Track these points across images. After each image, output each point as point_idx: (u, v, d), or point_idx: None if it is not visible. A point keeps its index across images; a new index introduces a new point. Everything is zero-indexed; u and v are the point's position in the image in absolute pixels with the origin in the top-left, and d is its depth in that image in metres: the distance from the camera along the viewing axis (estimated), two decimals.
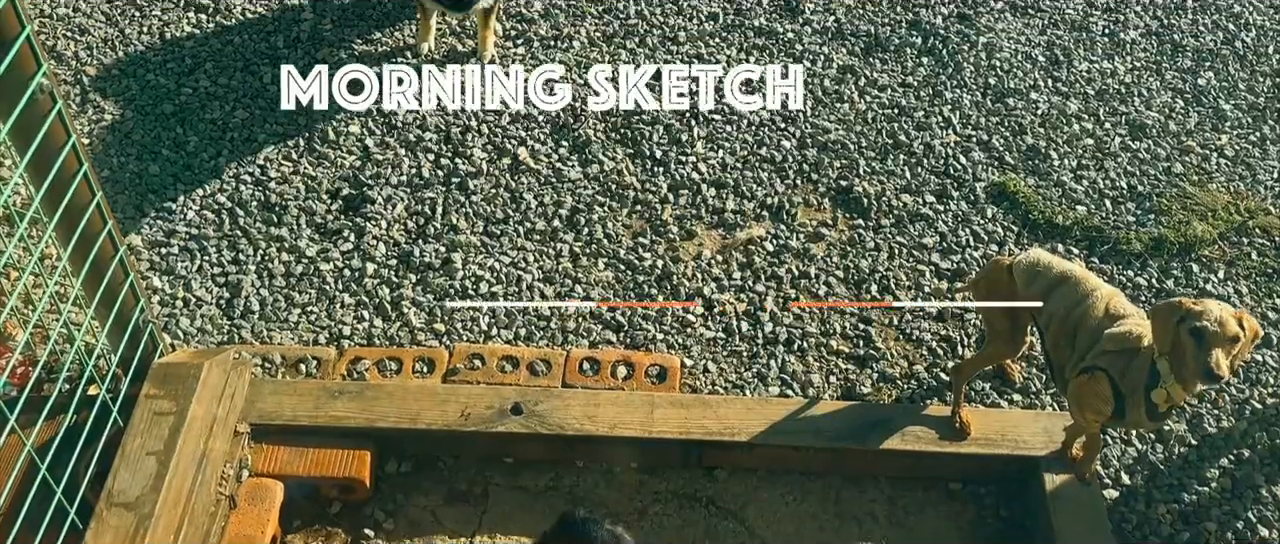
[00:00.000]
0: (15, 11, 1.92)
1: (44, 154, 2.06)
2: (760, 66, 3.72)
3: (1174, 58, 3.88)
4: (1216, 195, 3.40)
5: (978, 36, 3.89)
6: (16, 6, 1.91)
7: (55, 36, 3.70)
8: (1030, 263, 2.47)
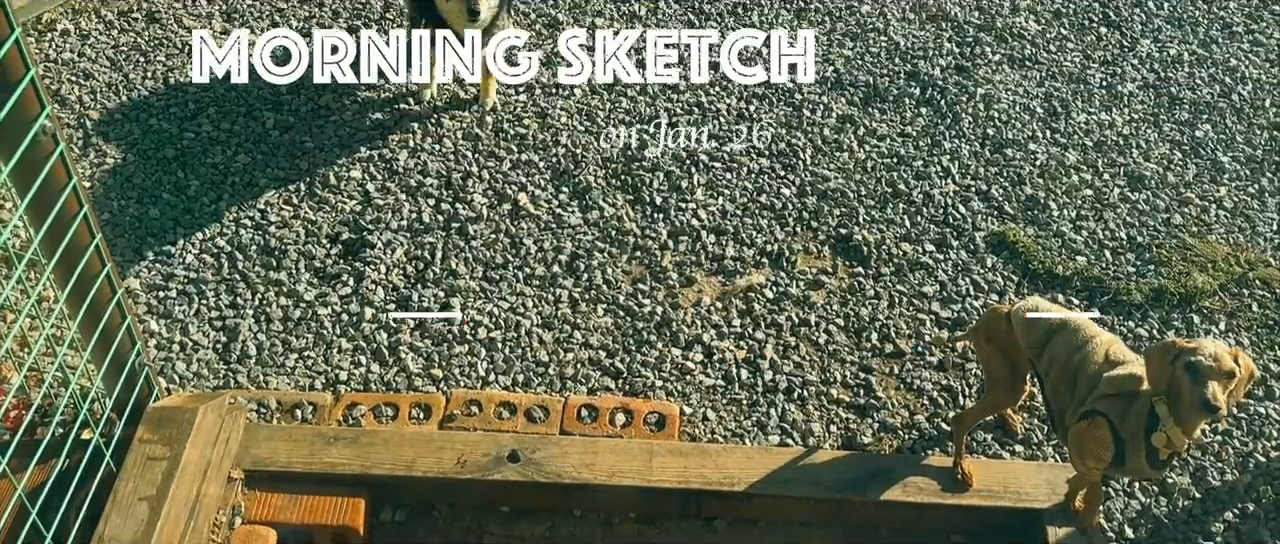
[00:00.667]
0: (20, 54, 1.93)
1: (44, 196, 2.06)
2: (766, 27, 3.74)
3: (1171, 110, 3.90)
4: (1216, 247, 3.41)
5: (976, 88, 3.92)
6: (22, 49, 1.92)
7: (60, 81, 3.72)
8: (1028, 311, 2.46)
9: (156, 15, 4.00)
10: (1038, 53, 4.10)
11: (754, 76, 3.89)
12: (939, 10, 4.26)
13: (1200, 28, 4.27)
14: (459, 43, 3.44)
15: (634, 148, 3.61)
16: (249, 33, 3.96)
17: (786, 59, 3.96)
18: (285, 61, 3.71)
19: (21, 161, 2.00)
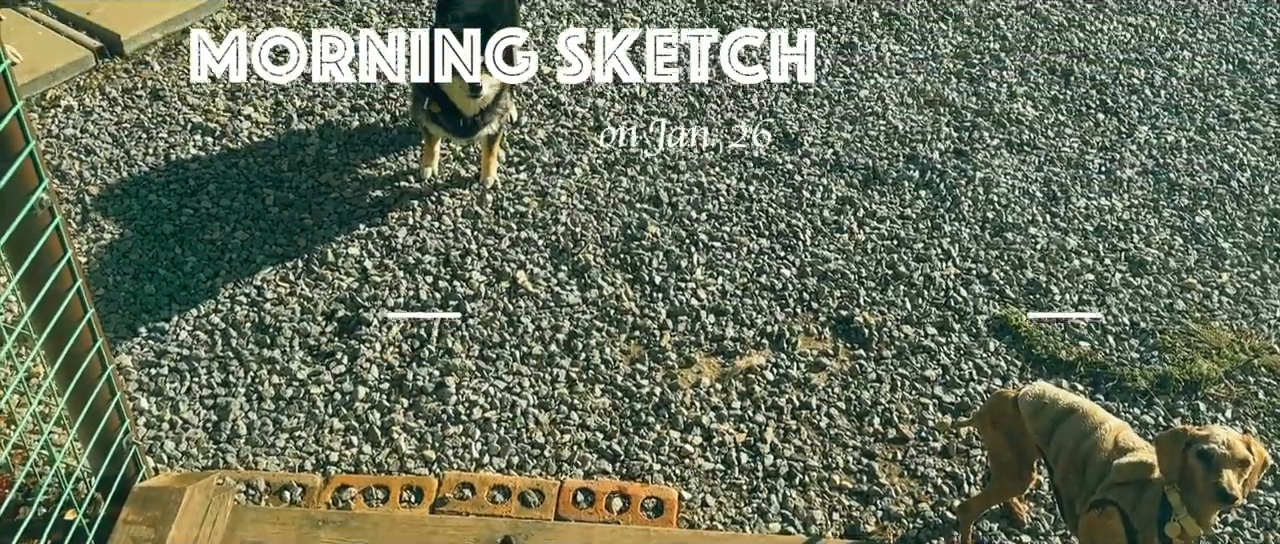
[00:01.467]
0: (21, 127, 1.92)
1: (38, 269, 2.03)
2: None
3: (1171, 196, 3.91)
4: (1220, 333, 3.38)
5: (975, 172, 3.93)
6: (22, 123, 1.91)
7: (62, 157, 3.73)
8: (1036, 396, 2.42)
9: (160, 93, 4.02)
10: (1036, 138, 4.12)
11: (752, 147, 3.91)
12: (937, 96, 4.31)
13: (1197, 115, 4.31)
14: (457, 125, 3.46)
15: (634, 226, 3.61)
16: (253, 110, 3.99)
17: (788, 127, 3.99)
18: (282, 60, 3.73)
19: (16, 234, 1.98)
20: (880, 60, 4.49)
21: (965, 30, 4.71)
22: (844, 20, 4.72)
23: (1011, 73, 4.46)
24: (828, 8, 4.79)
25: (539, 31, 4.50)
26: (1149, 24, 4.84)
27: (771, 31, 4.59)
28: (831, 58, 4.48)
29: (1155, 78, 4.50)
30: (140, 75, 4.10)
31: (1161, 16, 4.90)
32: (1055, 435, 2.37)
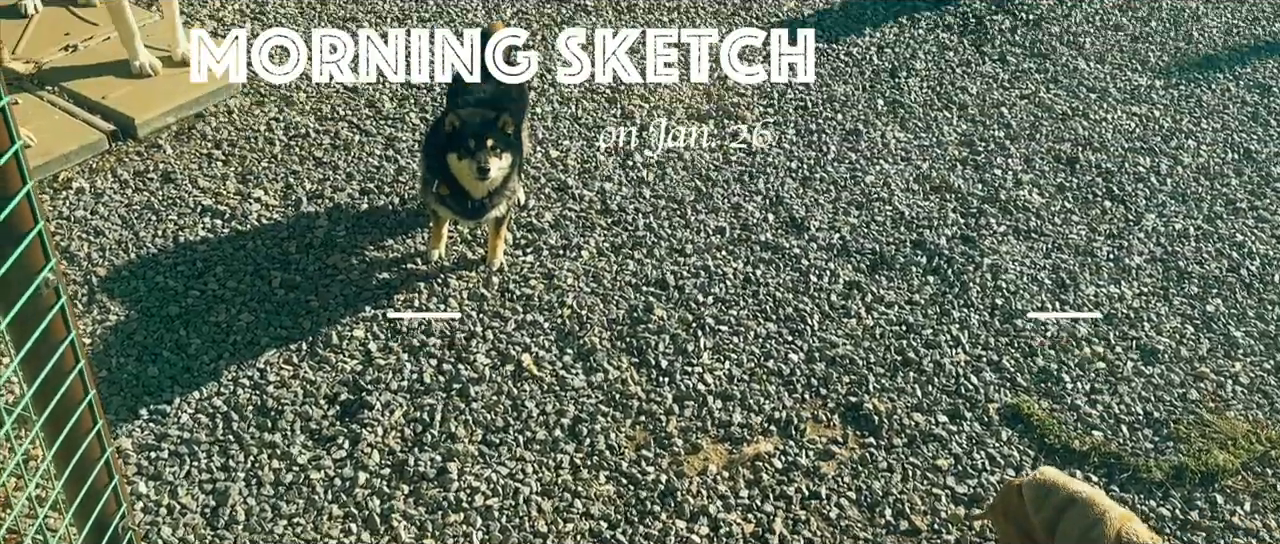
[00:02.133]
0: (31, 208, 1.93)
1: (41, 349, 2.02)
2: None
3: (1181, 284, 3.89)
4: (1235, 424, 3.32)
5: (982, 258, 3.93)
6: (32, 203, 1.92)
7: (71, 238, 3.74)
8: (1039, 484, 2.38)
9: (172, 175, 4.06)
10: (1043, 225, 4.13)
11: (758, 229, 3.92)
12: (942, 182, 4.32)
13: (1204, 204, 4.31)
14: (466, 207, 3.47)
15: (640, 309, 3.59)
16: (263, 193, 4.01)
17: (794, 214, 4.00)
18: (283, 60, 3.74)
19: (21, 314, 1.96)
20: (885, 147, 4.53)
21: (969, 119, 4.75)
22: (849, 108, 4.77)
23: (1017, 160, 4.49)
24: (833, 95, 4.84)
25: (547, 117, 4.55)
26: (1153, 113, 4.89)
27: (776, 121, 4.64)
28: (837, 145, 4.51)
29: (1161, 166, 4.52)
30: (152, 158, 4.14)
31: (1165, 106, 4.95)
32: (1059, 526, 2.31)
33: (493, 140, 3.32)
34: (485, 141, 3.31)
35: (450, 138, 3.36)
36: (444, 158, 3.38)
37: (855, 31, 5.39)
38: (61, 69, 4.47)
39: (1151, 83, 5.12)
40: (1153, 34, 5.55)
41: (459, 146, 3.33)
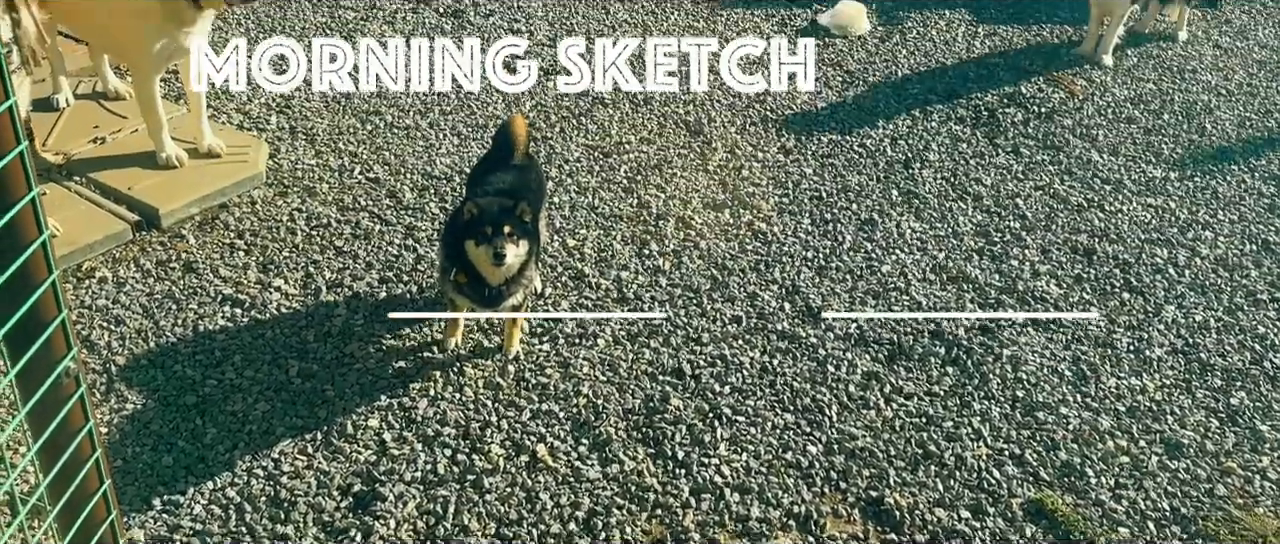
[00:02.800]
0: (55, 297, 1.95)
1: (58, 439, 2.02)
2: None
3: (1203, 376, 3.85)
4: (1265, 520, 3.25)
5: (1001, 349, 3.90)
6: (57, 293, 1.94)
7: (92, 326, 3.77)
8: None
9: (194, 265, 4.10)
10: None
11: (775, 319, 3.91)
12: (959, 273, 4.32)
13: (1224, 295, 4.29)
14: (483, 296, 3.49)
15: (656, 399, 3.57)
16: (283, 282, 4.05)
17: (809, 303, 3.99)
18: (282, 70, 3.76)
19: (41, 403, 1.97)
20: (901, 237, 4.54)
21: (985, 209, 4.78)
22: (863, 198, 4.80)
23: (1033, 251, 4.49)
24: (847, 186, 4.88)
25: (565, 206, 4.60)
26: (1168, 205, 4.90)
27: (789, 211, 4.67)
28: (853, 234, 4.53)
29: (1178, 258, 4.51)
30: (175, 247, 4.19)
31: (1181, 198, 4.96)
32: None
33: (510, 227, 3.36)
34: (502, 228, 3.35)
35: (468, 225, 3.40)
36: (462, 245, 3.41)
37: (868, 123, 5.46)
38: (90, 160, 4.57)
39: (1166, 174, 5.15)
40: (1165, 126, 5.60)
41: (476, 233, 3.37)
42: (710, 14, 6.72)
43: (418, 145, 5.01)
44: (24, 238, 1.88)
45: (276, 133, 5.02)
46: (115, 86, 5.04)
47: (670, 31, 6.40)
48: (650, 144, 5.15)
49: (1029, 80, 6.03)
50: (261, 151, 4.75)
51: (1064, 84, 6.00)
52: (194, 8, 4.11)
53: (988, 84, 5.98)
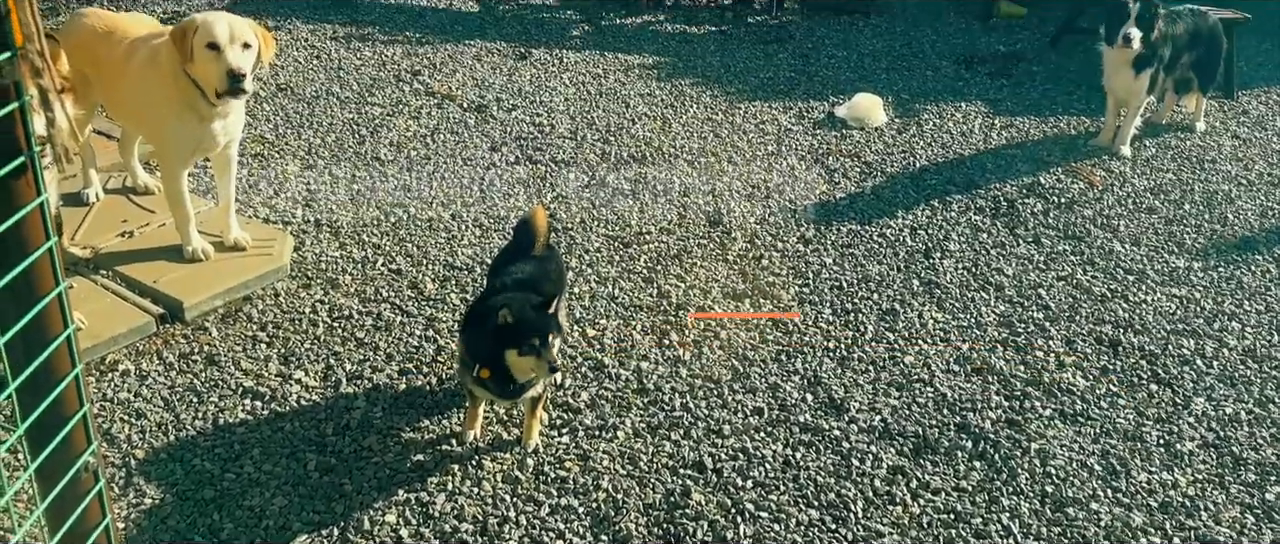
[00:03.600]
0: (78, 392, 1.96)
1: (76, 534, 2.01)
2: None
3: (1236, 471, 3.76)
4: None
5: (1029, 443, 3.83)
6: (79, 387, 1.95)
7: (112, 420, 3.78)
8: None
9: (216, 358, 4.12)
10: (1089, 409, 4.04)
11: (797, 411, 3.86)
12: (984, 364, 4.28)
13: (1254, 387, 4.22)
14: (505, 389, 3.47)
15: (677, 494, 3.52)
16: (304, 374, 4.05)
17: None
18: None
19: (59, 498, 1.97)
20: (923, 327, 4.51)
21: (1007, 299, 4.75)
22: (884, 288, 4.79)
23: (1058, 342, 4.45)
24: (867, 275, 4.88)
25: (584, 296, 4.61)
26: (1193, 295, 4.86)
27: (811, 300, 4.66)
28: (874, 324, 4.51)
29: (1206, 349, 4.45)
30: (198, 340, 4.22)
31: (1205, 288, 4.92)
32: None
33: (553, 334, 3.33)
34: (548, 338, 3.31)
35: (506, 333, 3.34)
36: (495, 348, 3.36)
37: (887, 213, 5.48)
38: (117, 254, 4.63)
39: (1189, 265, 5.12)
40: (1187, 216, 5.59)
41: (522, 344, 3.32)
42: (729, 106, 6.82)
43: (440, 237, 5.06)
44: (50, 332, 1.90)
45: (302, 225, 5.09)
46: (145, 182, 5.14)
47: (689, 123, 6.50)
48: (670, 234, 5.18)
49: (1047, 171, 6.06)
50: (286, 244, 4.80)
51: (1083, 175, 6.02)
52: (206, 102, 4.20)
53: (1006, 175, 6.01)
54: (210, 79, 4.08)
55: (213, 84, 4.09)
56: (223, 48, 4.03)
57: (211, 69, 4.05)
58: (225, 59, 4.02)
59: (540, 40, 7.95)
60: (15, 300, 1.82)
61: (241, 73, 4.03)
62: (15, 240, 1.79)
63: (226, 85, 4.05)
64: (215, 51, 4.03)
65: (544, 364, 3.30)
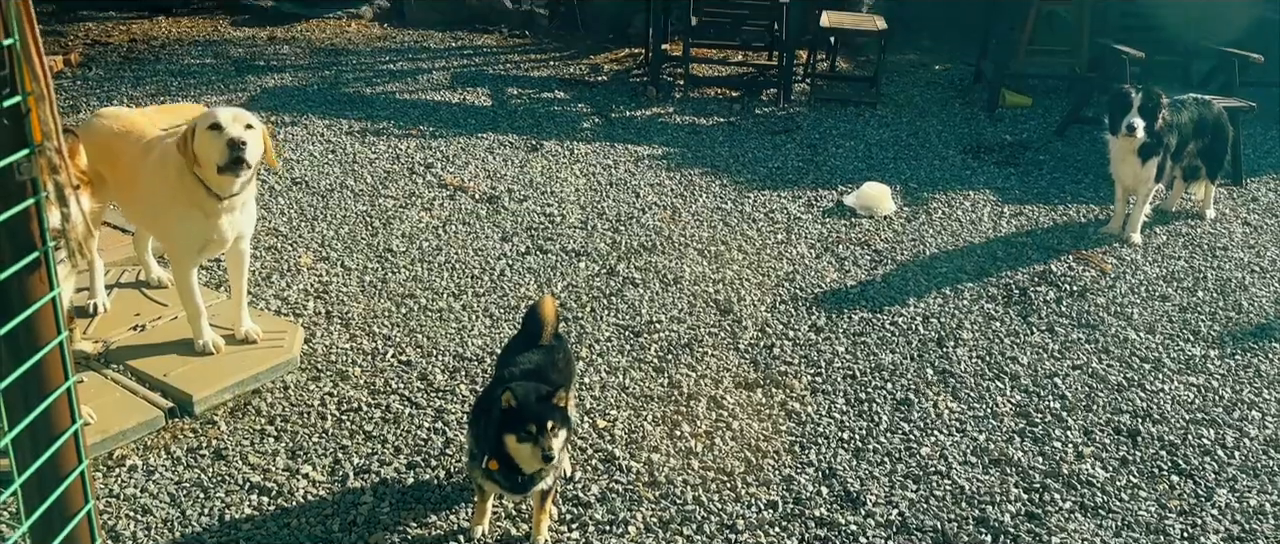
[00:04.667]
0: (83, 488, 1.94)
1: None
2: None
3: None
4: None
5: (1050, 536, 3.75)
6: (85, 483, 1.93)
7: (118, 516, 3.73)
8: None
9: (223, 452, 4.09)
10: (1110, 501, 3.96)
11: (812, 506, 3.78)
12: (1001, 455, 4.21)
13: (1278, 477, 4.13)
14: (515, 482, 3.42)
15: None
16: (311, 469, 4.01)
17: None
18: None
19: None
20: (938, 417, 4.46)
21: (1022, 389, 4.70)
22: (898, 377, 4.75)
23: (1076, 432, 4.38)
24: (880, 364, 4.84)
25: (595, 386, 4.58)
26: (1211, 383, 4.80)
27: (824, 389, 4.62)
28: (889, 414, 4.46)
29: (1227, 439, 4.38)
30: (206, 434, 4.19)
31: (1223, 376, 4.86)
32: None
33: (553, 422, 3.29)
34: (546, 424, 3.27)
35: (508, 418, 3.32)
36: (499, 435, 3.33)
37: (899, 301, 5.47)
38: (128, 348, 4.63)
39: (1206, 353, 5.07)
40: (1201, 304, 5.56)
41: (519, 429, 3.29)
42: (738, 195, 6.88)
43: (450, 327, 5.05)
44: (58, 427, 1.89)
45: (313, 317, 5.10)
46: (158, 275, 5.17)
47: (699, 212, 6.54)
48: (681, 323, 5.17)
49: (1058, 258, 6.06)
50: (297, 337, 4.80)
51: (1094, 262, 6.01)
52: (211, 198, 4.23)
53: (1017, 262, 6.00)
54: (211, 156, 4.09)
55: (214, 160, 4.09)
56: (224, 126, 4.08)
57: (213, 147, 4.08)
58: (226, 133, 4.06)
59: (552, 132, 8.07)
60: (24, 395, 1.82)
61: (242, 141, 4.06)
62: (27, 335, 1.79)
63: (227, 157, 4.06)
64: (217, 130, 4.08)
65: (540, 451, 3.25)
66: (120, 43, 9.91)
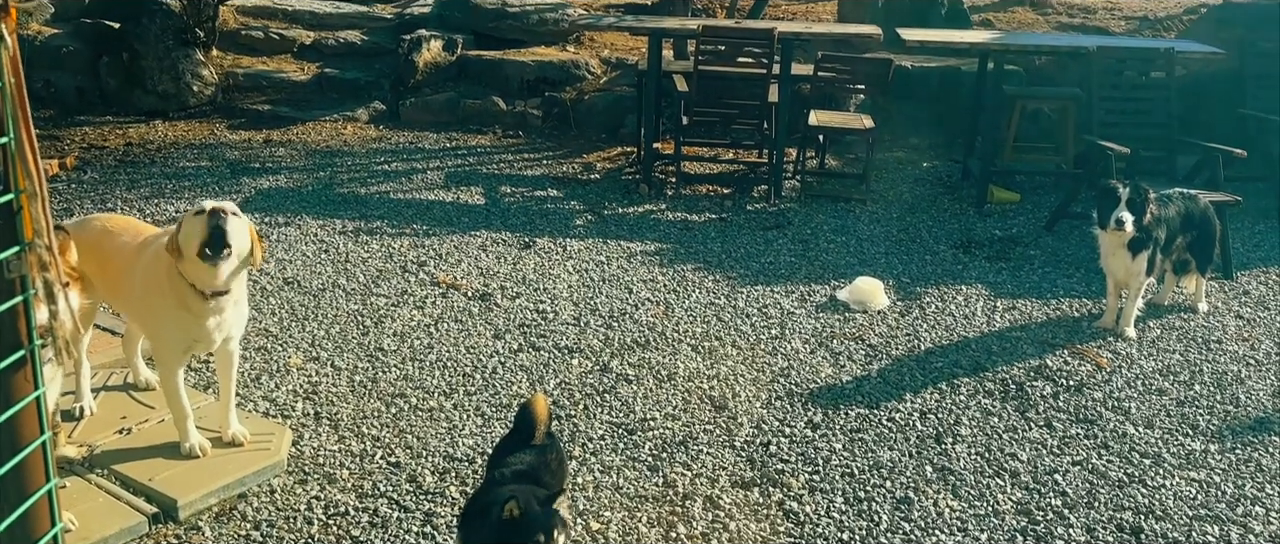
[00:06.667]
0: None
1: None
2: None
3: None
4: None
5: None
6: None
7: None
8: None
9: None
10: None
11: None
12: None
13: None
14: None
15: None
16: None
17: None
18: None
19: None
20: (939, 516, 4.37)
21: (1023, 486, 4.62)
22: (897, 474, 4.67)
23: (1079, 531, 4.30)
24: (879, 461, 4.77)
25: (588, 486, 4.49)
26: (1212, 479, 4.73)
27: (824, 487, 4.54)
28: (889, 514, 4.37)
29: (1231, 535, 4.30)
30: (190, 541, 4.08)
31: (1224, 471, 4.80)
32: None
33: (557, 529, 3.20)
34: (553, 535, 3.18)
35: (514, 530, 3.19)
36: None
37: (895, 397, 5.42)
38: (114, 451, 4.54)
39: (1206, 447, 5.01)
40: (1198, 398, 5.52)
41: (527, 541, 3.19)
42: (731, 291, 6.88)
43: (440, 427, 4.98)
44: (37, 531, 1.83)
45: (301, 418, 5.02)
46: (146, 377, 5.11)
47: (692, 308, 6.53)
48: (675, 420, 5.11)
49: (1053, 353, 6.04)
50: (284, 439, 4.72)
51: (1090, 356, 5.99)
52: (198, 298, 4.19)
53: (1012, 357, 5.98)
54: (194, 239, 4.06)
55: (196, 242, 4.05)
56: (206, 208, 4.07)
57: (198, 229, 4.05)
58: (206, 211, 4.06)
59: (544, 229, 8.11)
60: (3, 497, 1.76)
61: (222, 211, 4.04)
62: (8, 435, 1.75)
63: (208, 232, 4.03)
64: (202, 214, 4.07)
65: None
66: (116, 146, 10.01)
